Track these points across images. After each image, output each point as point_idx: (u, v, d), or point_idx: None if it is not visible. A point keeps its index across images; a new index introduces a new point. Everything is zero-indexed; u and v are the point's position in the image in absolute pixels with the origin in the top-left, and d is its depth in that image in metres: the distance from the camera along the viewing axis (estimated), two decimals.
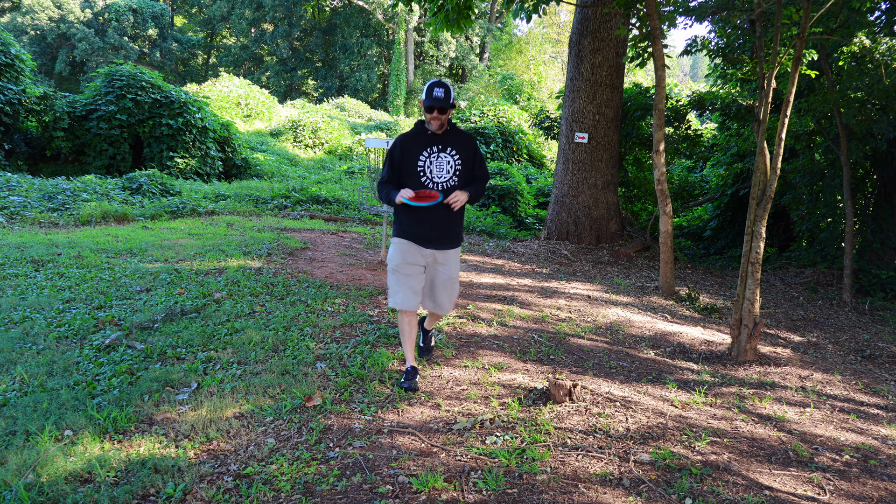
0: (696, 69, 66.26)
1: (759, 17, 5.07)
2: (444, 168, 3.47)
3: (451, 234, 3.57)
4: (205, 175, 14.75)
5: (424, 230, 3.49)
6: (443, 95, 3.35)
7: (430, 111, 3.40)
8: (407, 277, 3.50)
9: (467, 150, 3.54)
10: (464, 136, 3.56)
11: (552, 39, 37.32)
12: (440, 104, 3.35)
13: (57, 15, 37.97)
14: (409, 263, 3.50)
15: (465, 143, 3.55)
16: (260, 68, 43.75)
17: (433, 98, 3.35)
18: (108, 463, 2.67)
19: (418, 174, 3.45)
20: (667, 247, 7.04)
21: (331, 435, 3.01)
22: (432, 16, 8.07)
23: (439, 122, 3.40)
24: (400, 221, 3.55)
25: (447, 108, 3.39)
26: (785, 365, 4.84)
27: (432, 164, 3.45)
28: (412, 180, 3.46)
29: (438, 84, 3.37)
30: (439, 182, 3.47)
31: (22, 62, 13.48)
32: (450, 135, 3.50)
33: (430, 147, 3.46)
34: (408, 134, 3.53)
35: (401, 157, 3.48)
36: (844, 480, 2.89)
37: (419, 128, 3.51)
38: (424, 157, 3.45)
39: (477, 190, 3.57)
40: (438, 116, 3.38)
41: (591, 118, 9.41)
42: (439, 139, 3.47)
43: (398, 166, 3.51)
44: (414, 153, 3.45)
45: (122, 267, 6.02)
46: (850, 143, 8.05)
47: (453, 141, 3.51)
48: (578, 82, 9.45)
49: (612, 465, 2.84)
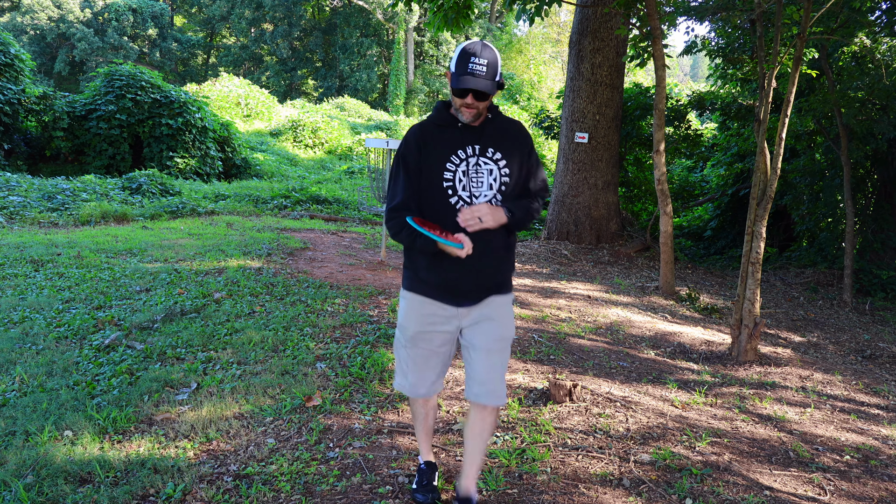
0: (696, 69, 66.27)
1: (760, 16, 5.06)
2: (483, 180, 2.19)
3: (494, 277, 2.26)
4: (205, 175, 14.76)
5: (453, 277, 2.20)
6: (484, 72, 2.06)
7: (461, 94, 2.11)
8: (424, 357, 2.33)
9: (520, 150, 2.26)
10: (513, 129, 2.28)
11: (552, 39, 37.33)
12: (479, 86, 2.05)
13: (56, 15, 37.96)
14: (428, 333, 2.29)
15: (516, 140, 2.26)
16: (260, 68, 43.75)
17: (469, 73, 2.06)
18: (107, 463, 2.67)
19: (444, 191, 2.17)
20: (667, 247, 7.04)
21: (331, 435, 3.01)
22: (432, 15, 8.07)
23: (475, 112, 2.15)
24: (413, 263, 2.29)
25: (489, 92, 2.08)
26: (785, 365, 4.84)
27: (466, 176, 2.18)
28: (434, 200, 2.19)
29: (477, 51, 2.06)
30: (473, 203, 2.18)
31: (21, 62, 13.49)
32: (492, 127, 2.23)
33: (461, 147, 2.19)
34: (425, 124, 2.24)
35: (419, 160, 2.20)
36: (845, 481, 2.89)
37: (442, 114, 2.22)
38: (454, 165, 2.18)
39: (525, 210, 2.22)
40: (475, 103, 2.12)
41: (592, 118, 9.40)
42: (476, 134, 2.21)
43: (415, 176, 2.20)
44: (437, 156, 2.18)
45: (121, 267, 6.01)
46: (851, 143, 8.05)
47: (498, 137, 2.23)
48: (578, 82, 9.45)
49: (613, 465, 2.84)
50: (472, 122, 2.20)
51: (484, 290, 2.26)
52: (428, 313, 2.27)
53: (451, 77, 2.12)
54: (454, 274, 2.19)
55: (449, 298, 2.25)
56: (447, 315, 2.27)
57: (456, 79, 2.08)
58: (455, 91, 2.12)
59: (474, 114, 2.15)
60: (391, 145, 6.74)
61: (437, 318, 2.27)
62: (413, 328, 2.29)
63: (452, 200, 2.17)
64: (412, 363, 2.34)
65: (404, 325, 2.32)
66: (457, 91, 2.11)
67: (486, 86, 2.06)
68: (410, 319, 2.30)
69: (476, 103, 2.13)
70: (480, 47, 2.07)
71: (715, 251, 11.60)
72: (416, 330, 2.29)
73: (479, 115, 2.18)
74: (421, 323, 2.28)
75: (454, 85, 2.09)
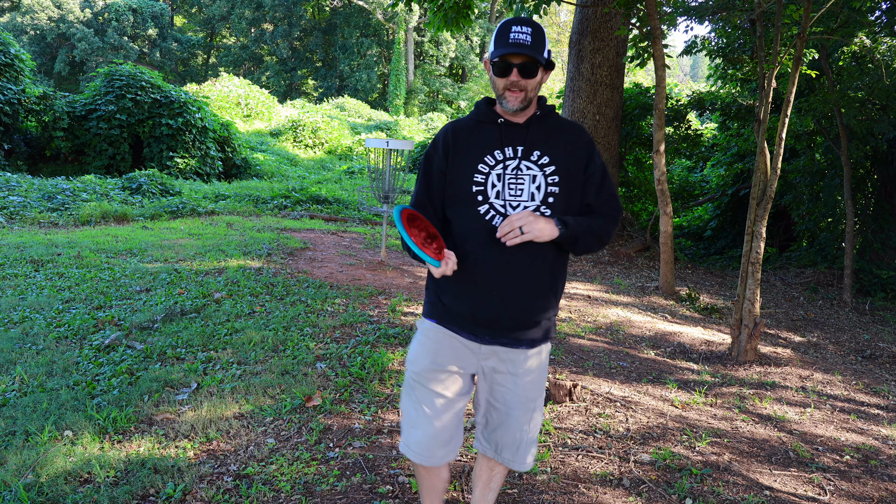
0: (696, 69, 66.27)
1: (760, 16, 5.06)
2: (524, 188, 1.77)
3: (529, 312, 1.81)
4: (205, 175, 14.77)
5: (480, 304, 1.79)
6: (529, 40, 1.67)
7: (502, 72, 1.72)
8: (435, 406, 1.86)
9: (577, 156, 1.82)
10: (569, 130, 1.85)
11: (552, 39, 37.34)
12: (525, 52, 1.66)
13: (56, 15, 37.97)
14: (443, 373, 1.86)
15: (572, 144, 1.83)
16: (260, 68, 43.76)
17: (512, 43, 1.67)
18: (107, 463, 2.67)
19: (473, 197, 1.77)
20: (667, 247, 7.04)
21: (331, 435, 3.01)
22: (432, 15, 8.08)
23: (522, 96, 1.74)
24: (436, 285, 1.90)
25: (537, 66, 1.72)
26: (785, 365, 4.84)
27: (501, 181, 1.77)
28: (463, 209, 1.80)
29: (520, 21, 1.71)
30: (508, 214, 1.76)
31: (21, 62, 13.49)
32: (541, 126, 1.82)
33: (499, 147, 1.79)
34: (460, 122, 1.88)
35: (444, 164, 1.83)
36: (845, 481, 2.89)
37: (482, 110, 1.85)
38: (488, 167, 1.78)
39: (585, 226, 1.78)
40: (521, 81, 1.72)
41: (592, 118, 9.41)
42: (520, 133, 1.80)
43: (439, 180, 1.84)
44: (469, 157, 1.80)
45: (121, 267, 6.01)
46: (851, 143, 8.05)
47: (547, 138, 1.81)
48: (578, 82, 9.45)
49: (613, 465, 2.84)
50: (518, 113, 1.78)
51: (510, 325, 1.80)
52: (445, 345, 1.85)
53: (488, 64, 1.77)
54: (484, 297, 1.78)
55: (474, 328, 1.82)
56: (467, 352, 1.86)
57: (496, 48, 1.71)
58: (496, 67, 1.72)
59: (522, 98, 1.74)
60: (391, 145, 6.75)
61: (453, 353, 1.85)
62: (424, 362, 1.86)
63: (482, 210, 1.76)
64: (418, 410, 1.88)
65: (414, 358, 1.90)
66: (498, 67, 1.71)
67: (534, 53, 1.66)
68: (423, 351, 1.88)
69: (523, 80, 1.72)
70: (524, 20, 1.70)
71: (715, 251, 11.61)
72: (428, 365, 1.86)
73: (528, 101, 1.75)
74: (434, 357, 1.86)
75: (493, 57, 1.71)
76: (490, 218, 1.75)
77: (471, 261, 1.76)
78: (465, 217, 1.78)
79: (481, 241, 1.76)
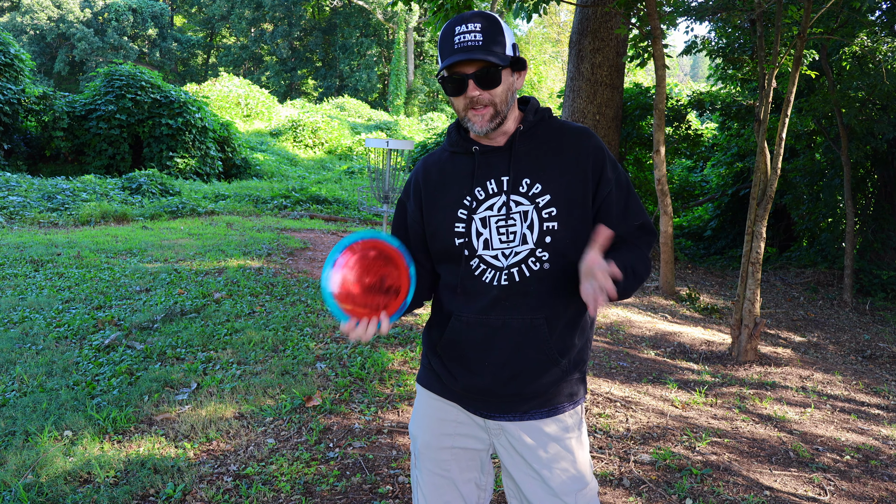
0: (696, 69, 66.27)
1: (760, 16, 5.06)
2: (516, 230, 1.39)
3: (536, 382, 1.42)
4: (204, 175, 14.77)
5: (471, 375, 1.45)
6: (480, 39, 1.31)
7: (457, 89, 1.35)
8: (438, 488, 1.54)
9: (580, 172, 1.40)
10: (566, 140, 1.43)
11: (552, 39, 37.31)
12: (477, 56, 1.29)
13: (56, 15, 37.97)
14: (443, 450, 1.53)
15: (570, 158, 1.41)
16: (260, 68, 43.76)
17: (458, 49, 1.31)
18: (107, 463, 2.66)
19: (458, 251, 1.42)
20: (667, 247, 7.04)
21: (331, 435, 3.01)
22: (432, 15, 8.07)
23: (488, 112, 1.36)
24: (427, 344, 1.59)
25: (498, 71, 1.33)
26: (785, 365, 4.84)
27: (488, 226, 1.40)
28: (450, 265, 1.46)
29: (464, 18, 1.32)
30: (504, 266, 1.39)
31: (21, 62, 13.50)
32: (527, 144, 1.43)
33: (479, 184, 1.42)
34: (431, 158, 1.52)
35: (419, 216, 1.49)
36: (845, 481, 2.89)
37: (453, 139, 1.48)
38: (467, 211, 1.42)
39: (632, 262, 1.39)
40: (481, 94, 1.34)
41: (592, 118, 9.41)
42: (501, 160, 1.42)
43: (416, 232, 1.50)
44: (446, 202, 1.44)
45: (121, 267, 6.01)
46: (851, 143, 8.05)
47: (536, 159, 1.42)
48: (578, 82, 9.45)
49: (613, 465, 2.84)
50: (494, 133, 1.39)
51: (510, 399, 1.44)
52: (442, 418, 1.53)
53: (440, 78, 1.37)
54: (467, 366, 1.45)
55: (472, 402, 1.48)
56: (472, 424, 1.52)
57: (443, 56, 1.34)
58: (447, 84, 1.35)
59: (490, 116, 1.35)
60: (391, 145, 6.75)
61: (456, 425, 1.52)
62: (422, 437, 1.55)
63: (473, 264, 1.40)
64: (424, 495, 1.55)
65: (413, 432, 1.59)
66: (449, 83, 1.34)
67: (489, 56, 1.28)
68: (420, 423, 1.56)
69: (485, 93, 1.33)
70: (469, 15, 1.32)
71: (715, 251, 11.61)
72: (427, 441, 1.54)
73: (500, 116, 1.36)
74: (433, 431, 1.53)
75: (441, 73, 1.35)
76: (480, 273, 1.40)
77: (457, 324, 1.43)
78: (454, 275, 1.44)
79: (469, 301, 1.42)
